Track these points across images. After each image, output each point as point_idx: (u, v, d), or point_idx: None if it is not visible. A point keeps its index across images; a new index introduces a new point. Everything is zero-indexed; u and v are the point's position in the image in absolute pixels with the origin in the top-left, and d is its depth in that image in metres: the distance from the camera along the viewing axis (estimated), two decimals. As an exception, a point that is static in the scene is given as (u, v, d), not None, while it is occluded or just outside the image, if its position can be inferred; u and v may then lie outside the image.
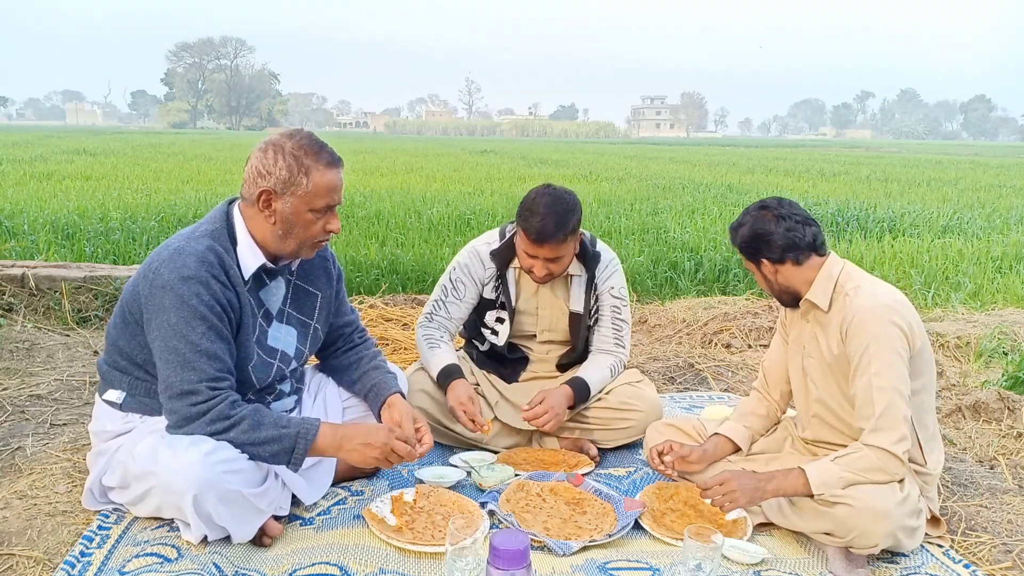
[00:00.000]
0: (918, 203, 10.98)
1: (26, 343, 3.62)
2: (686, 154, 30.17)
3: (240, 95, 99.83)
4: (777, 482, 1.94)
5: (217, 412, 1.79)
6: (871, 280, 2.02)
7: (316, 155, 1.84)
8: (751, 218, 2.05)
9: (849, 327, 1.95)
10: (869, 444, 1.88)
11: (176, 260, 1.80)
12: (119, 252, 5.83)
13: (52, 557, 1.86)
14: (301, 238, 1.90)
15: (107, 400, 1.97)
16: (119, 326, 1.94)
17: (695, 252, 6.42)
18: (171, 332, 1.77)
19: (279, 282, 2.04)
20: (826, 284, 2.02)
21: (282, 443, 1.83)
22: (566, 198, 2.37)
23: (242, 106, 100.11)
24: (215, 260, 1.83)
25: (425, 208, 8.75)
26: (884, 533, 1.83)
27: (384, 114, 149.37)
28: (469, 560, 1.58)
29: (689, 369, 3.76)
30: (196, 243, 1.84)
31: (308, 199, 1.84)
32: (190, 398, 1.78)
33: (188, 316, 1.77)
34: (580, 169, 18.25)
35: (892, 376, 1.88)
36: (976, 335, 4.16)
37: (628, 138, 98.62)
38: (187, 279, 1.78)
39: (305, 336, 2.11)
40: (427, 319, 2.64)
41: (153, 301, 1.80)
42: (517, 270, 2.59)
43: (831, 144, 61.46)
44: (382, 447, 1.89)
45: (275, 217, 1.86)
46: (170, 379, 1.79)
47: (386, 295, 4.93)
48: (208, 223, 1.92)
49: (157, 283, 1.80)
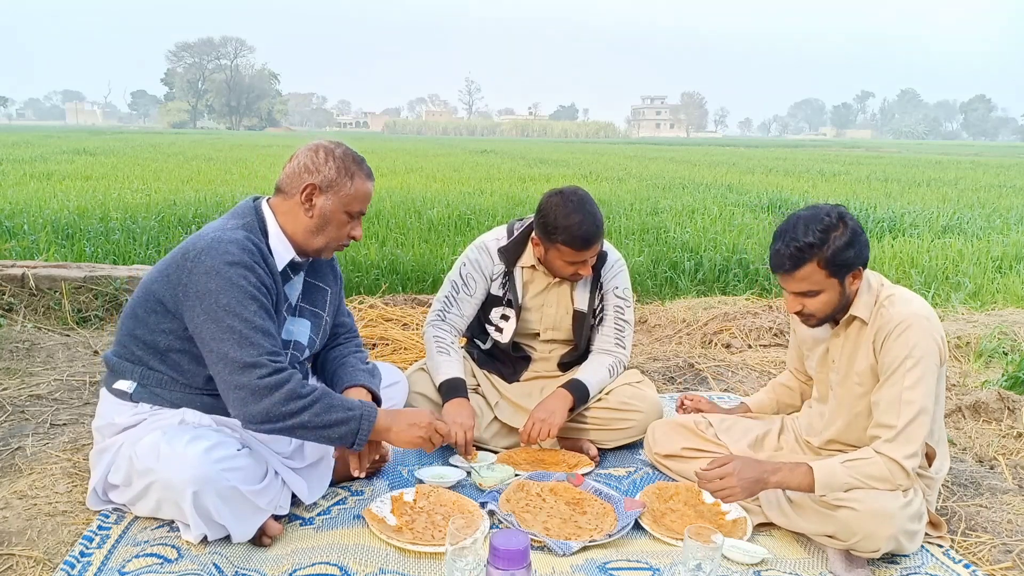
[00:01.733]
0: (918, 203, 10.98)
1: (26, 343, 3.63)
2: (686, 154, 30.17)
3: (240, 95, 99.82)
4: (782, 474, 1.91)
5: (290, 390, 1.81)
6: (898, 288, 1.99)
7: (359, 165, 2.00)
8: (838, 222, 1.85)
9: (887, 337, 1.89)
10: (882, 453, 1.86)
11: (218, 247, 1.83)
12: (119, 252, 5.83)
13: (52, 557, 1.86)
14: (330, 237, 1.99)
15: (117, 390, 1.96)
16: (139, 315, 1.93)
17: (695, 252, 6.41)
18: (223, 312, 1.80)
19: (300, 277, 2.11)
20: (868, 297, 1.96)
21: (349, 425, 1.89)
22: (587, 197, 2.42)
23: (242, 106, 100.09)
24: (255, 249, 1.89)
25: (425, 208, 8.75)
26: (887, 537, 1.82)
27: (384, 114, 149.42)
28: (469, 560, 1.58)
29: (689, 369, 3.76)
30: (234, 233, 1.88)
31: (347, 201, 1.96)
32: (256, 371, 1.80)
33: (240, 296, 1.81)
34: (580, 169, 18.25)
35: (923, 392, 1.85)
36: (976, 335, 4.16)
37: (628, 138, 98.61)
38: (233, 264, 1.82)
39: (318, 328, 2.16)
40: (439, 318, 2.62)
41: (196, 287, 1.81)
42: (524, 268, 2.60)
43: (831, 144, 61.46)
44: (426, 427, 2.01)
45: (314, 212, 1.96)
46: (229, 355, 1.79)
47: (386, 295, 4.92)
48: (237, 217, 1.97)
49: (200, 269, 1.81)
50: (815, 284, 1.89)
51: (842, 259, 1.85)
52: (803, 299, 1.93)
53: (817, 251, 1.84)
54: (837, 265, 1.86)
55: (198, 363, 1.90)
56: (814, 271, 1.87)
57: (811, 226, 1.85)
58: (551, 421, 2.43)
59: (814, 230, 1.84)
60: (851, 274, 1.90)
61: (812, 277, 1.88)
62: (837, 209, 1.90)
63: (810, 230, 1.85)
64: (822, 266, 1.86)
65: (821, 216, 1.87)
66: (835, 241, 1.84)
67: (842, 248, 1.84)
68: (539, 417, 2.44)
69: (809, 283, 1.89)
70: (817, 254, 1.85)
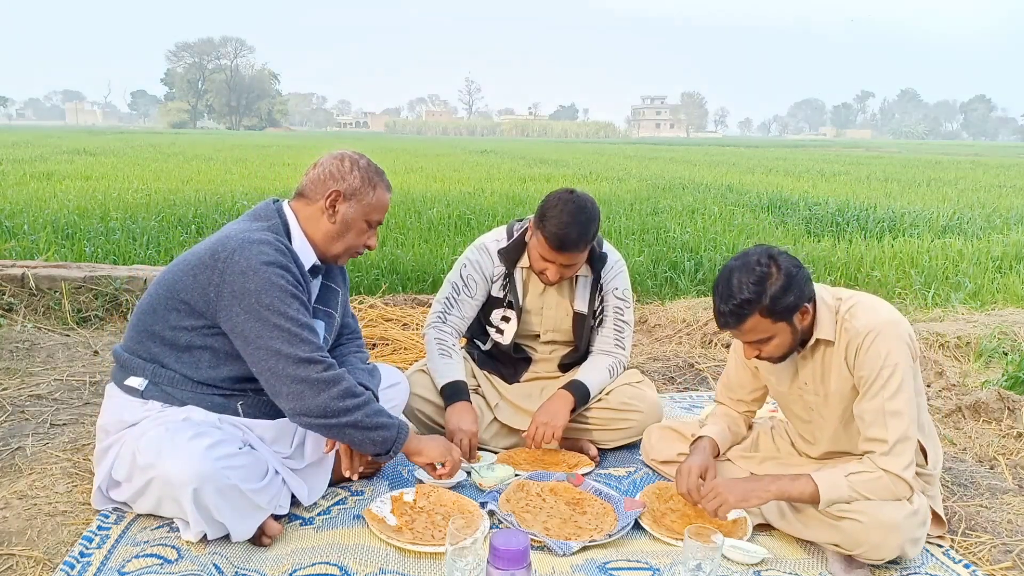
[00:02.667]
0: (918, 203, 10.98)
1: (26, 343, 3.63)
2: (686, 154, 30.17)
3: (240, 95, 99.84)
4: (782, 484, 1.91)
5: (347, 388, 1.88)
6: (856, 295, 1.97)
7: (381, 176, 2.08)
8: (770, 269, 1.82)
9: (858, 349, 1.88)
10: (883, 468, 1.85)
11: (251, 248, 1.86)
12: (119, 252, 5.82)
13: (52, 557, 1.86)
14: (349, 243, 2.05)
15: (128, 386, 1.96)
16: (159, 311, 1.93)
17: (695, 252, 6.41)
18: (267, 311, 1.82)
19: (318, 280, 2.15)
20: (828, 316, 1.93)
21: (390, 431, 1.97)
22: (589, 207, 2.36)
23: (242, 106, 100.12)
24: (285, 250, 1.93)
25: (425, 208, 8.75)
26: (894, 546, 1.82)
27: (384, 114, 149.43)
28: (469, 560, 1.58)
29: (689, 369, 3.77)
30: (262, 234, 1.91)
31: (368, 210, 2.04)
32: (314, 366, 1.85)
33: (281, 295, 1.84)
34: (580, 169, 18.24)
35: (904, 399, 1.84)
36: (976, 335, 4.15)
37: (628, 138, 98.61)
38: (269, 264, 1.85)
39: (331, 327, 2.19)
40: (439, 319, 2.62)
41: (232, 287, 1.83)
42: (524, 269, 2.59)
43: (831, 144, 61.45)
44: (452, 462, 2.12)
45: (336, 218, 2.01)
46: (283, 351, 1.83)
47: (386, 295, 4.92)
48: (261, 220, 1.99)
49: (235, 269, 1.83)
50: (764, 332, 1.87)
51: (783, 305, 1.82)
52: (758, 346, 1.92)
53: (756, 304, 1.81)
54: (779, 312, 1.83)
55: (220, 361, 1.92)
56: (759, 322, 1.84)
57: (743, 279, 1.81)
58: (554, 424, 2.42)
59: (747, 284, 1.80)
60: (799, 313, 1.86)
61: (759, 327, 1.85)
62: (768, 252, 1.85)
63: (743, 284, 1.81)
64: (765, 315, 1.83)
65: (752, 266, 1.82)
66: (771, 288, 1.80)
67: (779, 294, 1.81)
68: (542, 421, 2.43)
69: (757, 333, 1.87)
70: (757, 307, 1.81)
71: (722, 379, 2.34)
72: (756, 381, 2.24)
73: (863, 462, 1.89)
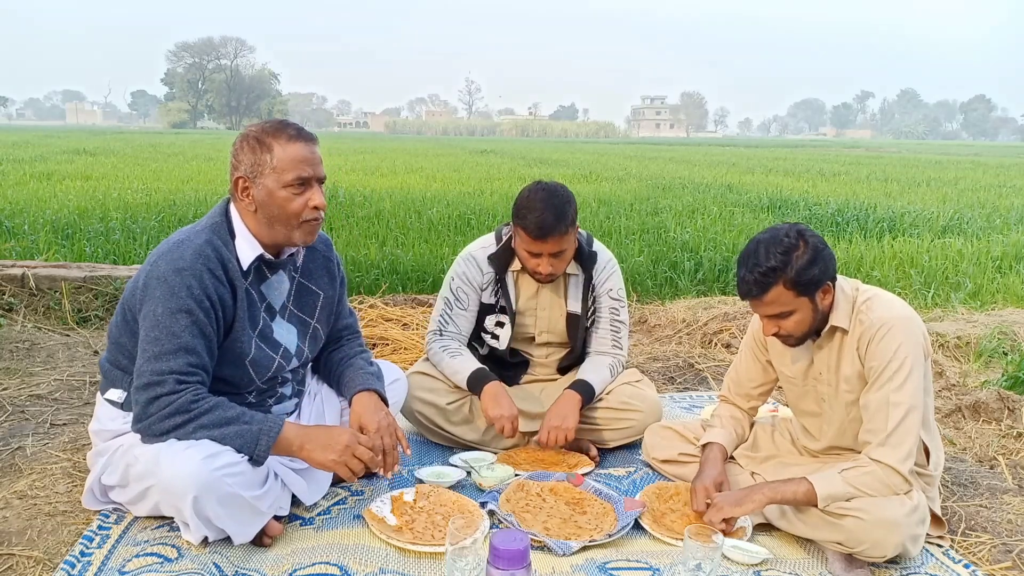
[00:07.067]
0: (918, 203, 10.98)
1: (26, 343, 3.63)
2: (686, 154, 30.17)
3: (240, 95, 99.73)
4: (775, 487, 1.93)
5: (178, 405, 1.77)
6: (874, 289, 1.99)
7: (277, 132, 1.86)
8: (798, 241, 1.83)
9: (870, 342, 1.89)
10: (875, 459, 1.86)
11: (174, 252, 1.83)
12: (119, 252, 5.82)
13: (52, 557, 1.86)
14: (285, 220, 1.88)
15: (109, 399, 1.97)
16: (120, 324, 1.94)
17: (695, 252, 6.41)
18: (155, 322, 1.79)
19: (281, 277, 2.04)
20: (845, 305, 1.95)
21: (244, 438, 1.80)
22: (560, 191, 2.38)
23: (242, 106, 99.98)
24: (212, 254, 1.85)
25: (425, 208, 8.75)
26: (895, 544, 1.82)
27: (384, 114, 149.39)
28: (469, 560, 1.58)
29: (689, 369, 3.77)
30: (196, 237, 1.87)
31: (276, 175, 1.84)
32: (154, 389, 1.77)
33: (174, 307, 1.79)
34: (580, 169, 18.25)
35: (910, 392, 1.85)
36: (976, 335, 4.15)
37: (628, 138, 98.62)
38: (181, 271, 1.80)
39: (305, 334, 2.10)
40: (437, 335, 2.62)
41: (147, 291, 1.82)
42: (515, 273, 2.59)
43: (831, 144, 61.46)
44: (341, 451, 1.86)
45: (254, 204, 1.87)
46: (141, 367, 1.79)
47: (386, 295, 4.92)
48: (208, 218, 1.95)
49: (154, 274, 1.82)
50: (785, 305, 1.87)
51: (807, 277, 1.84)
52: (777, 321, 1.92)
53: (781, 273, 1.83)
54: (803, 284, 1.84)
55: None
56: (782, 293, 1.85)
57: (771, 249, 1.83)
58: (566, 426, 2.42)
59: (775, 253, 1.83)
60: (821, 290, 1.88)
61: (781, 299, 1.86)
62: (796, 228, 1.88)
63: (771, 254, 1.83)
64: (789, 287, 1.84)
65: (780, 237, 1.85)
66: (797, 261, 1.82)
67: (805, 267, 1.83)
68: (553, 424, 2.43)
69: (779, 305, 1.88)
70: (782, 276, 1.83)
71: (730, 372, 2.35)
72: (765, 375, 2.25)
73: (857, 459, 1.91)
